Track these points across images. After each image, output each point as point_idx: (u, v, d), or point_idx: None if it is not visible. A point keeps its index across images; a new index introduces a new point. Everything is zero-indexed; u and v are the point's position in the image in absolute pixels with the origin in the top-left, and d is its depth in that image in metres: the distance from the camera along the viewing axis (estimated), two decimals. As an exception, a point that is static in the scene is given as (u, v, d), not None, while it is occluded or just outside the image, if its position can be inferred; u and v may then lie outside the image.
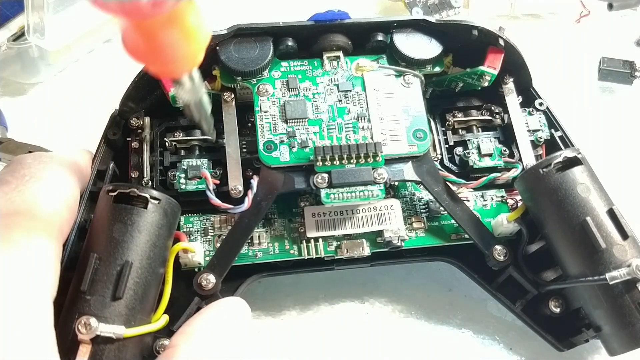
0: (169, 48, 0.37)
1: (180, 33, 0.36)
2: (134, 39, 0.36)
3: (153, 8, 0.32)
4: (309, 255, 0.55)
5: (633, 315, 0.47)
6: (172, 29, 0.36)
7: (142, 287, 0.45)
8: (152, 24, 0.35)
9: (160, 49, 0.37)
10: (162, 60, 0.38)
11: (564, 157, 0.51)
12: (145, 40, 0.36)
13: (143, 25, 0.35)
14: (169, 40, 0.36)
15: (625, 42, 0.77)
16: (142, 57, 0.37)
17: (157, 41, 0.36)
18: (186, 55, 0.38)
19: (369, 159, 0.53)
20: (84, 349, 0.42)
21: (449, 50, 0.60)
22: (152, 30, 0.35)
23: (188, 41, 0.37)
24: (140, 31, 0.36)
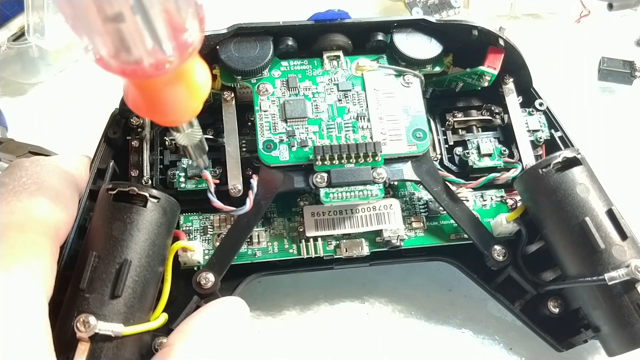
0: (171, 104, 0.37)
1: (183, 91, 0.37)
2: (135, 95, 0.37)
3: (155, 70, 0.32)
4: (308, 254, 0.55)
5: (632, 316, 0.47)
6: (175, 87, 0.36)
7: (141, 285, 0.45)
8: (155, 83, 0.35)
9: (162, 105, 0.37)
10: (163, 115, 0.39)
11: (564, 158, 0.51)
12: (147, 97, 0.37)
13: (145, 84, 0.35)
14: (171, 98, 0.37)
15: (625, 42, 0.77)
16: (143, 112, 0.38)
17: (159, 98, 0.36)
18: (188, 109, 0.38)
19: (369, 158, 0.53)
20: (82, 346, 0.42)
21: (449, 50, 0.60)
22: (154, 89, 0.36)
23: (191, 96, 0.37)
24: (142, 89, 0.36)
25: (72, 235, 0.51)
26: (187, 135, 0.44)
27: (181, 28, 0.32)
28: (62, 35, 0.69)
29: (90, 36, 0.31)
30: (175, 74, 0.34)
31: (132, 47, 0.31)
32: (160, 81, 0.35)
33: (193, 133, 0.44)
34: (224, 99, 0.57)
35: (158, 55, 0.32)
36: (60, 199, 0.45)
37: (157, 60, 0.32)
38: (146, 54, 0.32)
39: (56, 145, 0.65)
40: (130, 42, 0.31)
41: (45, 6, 0.66)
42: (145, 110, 0.38)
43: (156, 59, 0.32)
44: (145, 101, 0.37)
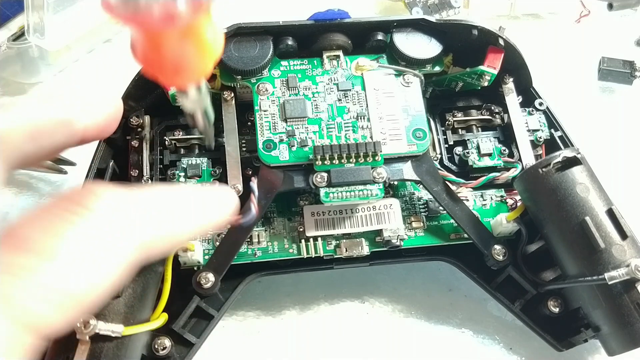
0: (181, 60, 0.36)
1: (193, 47, 0.35)
2: (143, 47, 0.36)
3: (165, 22, 0.31)
4: (308, 254, 0.55)
5: (632, 316, 0.47)
6: (185, 42, 0.35)
7: (141, 285, 0.45)
8: (164, 35, 0.34)
9: (171, 60, 0.36)
10: (171, 71, 0.37)
11: (564, 157, 0.51)
12: (156, 51, 0.35)
13: (154, 36, 0.34)
14: (181, 53, 0.35)
15: (625, 42, 0.77)
16: (151, 66, 0.37)
17: (168, 53, 0.35)
18: (197, 68, 0.37)
19: (369, 158, 0.53)
20: (82, 347, 0.42)
21: (448, 49, 0.60)
22: (163, 42, 0.35)
23: (201, 55, 0.36)
24: (151, 42, 0.35)
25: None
26: (195, 101, 0.42)
27: None
28: (62, 35, 0.69)
29: None
30: (185, 29, 0.33)
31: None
32: (170, 35, 0.34)
33: (201, 98, 0.42)
34: (223, 98, 0.57)
35: (169, 6, 0.31)
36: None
37: (167, 11, 0.31)
38: (156, 3, 0.30)
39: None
40: None
41: (45, 6, 0.66)
42: (152, 65, 0.36)
43: (166, 9, 0.31)
44: (153, 55, 0.36)
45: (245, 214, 0.51)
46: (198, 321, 0.52)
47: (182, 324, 0.51)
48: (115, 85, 0.56)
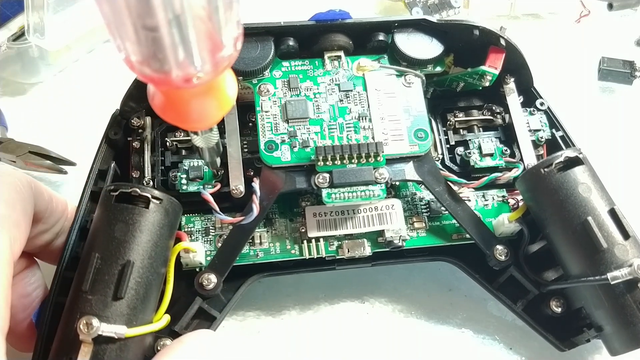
0: (197, 113, 0.37)
1: (212, 102, 0.37)
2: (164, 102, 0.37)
3: (183, 83, 0.32)
4: (310, 255, 0.55)
5: (634, 315, 0.47)
6: (204, 98, 0.36)
7: (143, 287, 0.45)
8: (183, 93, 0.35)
9: (187, 113, 0.37)
10: (188, 122, 0.38)
11: (565, 157, 0.51)
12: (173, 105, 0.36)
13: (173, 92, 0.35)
14: (199, 108, 0.37)
15: (625, 42, 0.77)
16: (169, 117, 0.38)
17: (185, 107, 0.36)
18: (212, 119, 0.38)
19: (370, 158, 0.53)
20: (85, 348, 0.42)
21: (450, 50, 0.60)
22: (182, 98, 0.36)
23: (219, 108, 0.37)
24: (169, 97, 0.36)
25: (73, 236, 0.51)
26: (205, 138, 0.44)
27: (218, 45, 0.32)
28: (62, 35, 0.69)
29: (123, 39, 0.31)
30: (206, 86, 0.34)
31: (163, 57, 0.31)
32: (189, 92, 0.35)
33: (211, 136, 0.45)
34: (225, 99, 0.57)
35: (188, 70, 0.32)
36: (18, 201, 0.45)
37: (185, 74, 0.32)
38: (176, 67, 0.31)
39: (56, 145, 0.65)
40: (162, 52, 0.31)
41: (45, 6, 0.66)
42: (170, 116, 0.37)
43: (185, 72, 0.32)
44: (171, 108, 0.37)
45: (248, 215, 0.51)
46: (200, 322, 0.52)
47: (185, 325, 0.51)
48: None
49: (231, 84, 0.38)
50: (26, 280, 0.49)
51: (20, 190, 0.45)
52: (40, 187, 0.48)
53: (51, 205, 0.49)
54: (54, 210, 0.49)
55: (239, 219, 0.52)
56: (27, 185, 0.46)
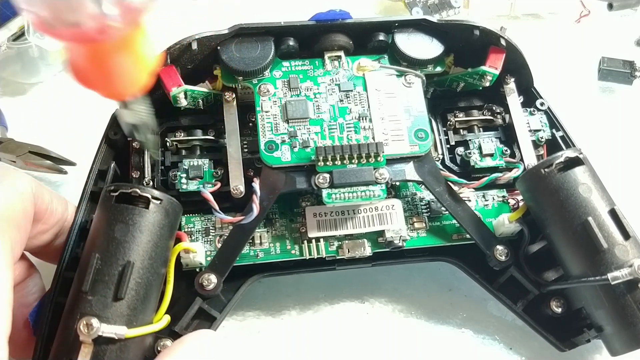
0: (116, 73, 0.37)
1: (128, 59, 0.36)
2: (80, 63, 0.36)
3: (99, 34, 0.32)
4: (310, 255, 0.55)
5: (635, 316, 0.47)
6: (120, 54, 0.35)
7: (143, 287, 0.45)
8: (99, 49, 0.34)
9: (107, 73, 0.36)
10: (108, 85, 0.38)
11: (566, 157, 0.51)
12: (92, 65, 0.36)
13: (90, 49, 0.35)
14: (117, 66, 0.36)
15: (625, 42, 0.77)
16: (88, 82, 0.37)
17: (104, 66, 0.36)
18: (134, 80, 0.38)
19: (371, 159, 0.53)
20: (85, 349, 0.42)
21: (450, 50, 0.60)
22: (99, 55, 0.35)
23: (136, 67, 0.37)
24: (87, 56, 0.35)
25: (73, 237, 0.51)
26: (134, 113, 0.43)
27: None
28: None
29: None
30: (119, 41, 0.34)
31: (74, 7, 0.30)
32: (104, 48, 0.34)
33: (139, 110, 0.44)
34: (225, 99, 0.57)
35: (100, 19, 0.31)
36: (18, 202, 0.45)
37: (99, 24, 0.31)
38: (88, 17, 0.31)
39: (56, 145, 0.65)
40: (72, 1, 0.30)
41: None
42: (89, 79, 0.37)
43: (98, 22, 0.31)
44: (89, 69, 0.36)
45: (248, 215, 0.51)
46: (200, 322, 0.52)
47: (185, 325, 0.51)
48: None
49: (147, 43, 0.37)
50: (27, 290, 0.49)
51: (20, 190, 0.45)
52: (40, 187, 0.48)
53: (51, 205, 0.49)
54: (54, 211, 0.49)
55: (239, 219, 0.52)
56: (27, 186, 0.46)
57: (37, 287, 0.50)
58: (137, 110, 0.44)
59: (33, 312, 0.48)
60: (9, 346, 0.41)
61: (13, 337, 0.43)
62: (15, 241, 0.43)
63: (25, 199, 0.45)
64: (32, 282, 0.50)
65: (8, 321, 0.41)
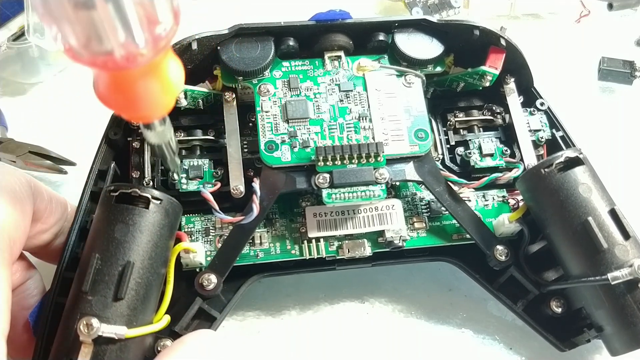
0: (142, 99, 0.36)
1: (155, 85, 0.36)
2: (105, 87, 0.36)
3: (126, 62, 0.32)
4: (310, 255, 0.55)
5: (635, 316, 0.47)
6: (147, 81, 0.35)
7: (143, 287, 0.45)
8: (126, 75, 0.34)
9: (132, 99, 0.36)
10: (134, 110, 0.38)
11: (566, 157, 0.51)
12: (118, 90, 0.36)
13: (117, 76, 0.35)
14: (143, 92, 0.36)
15: (625, 42, 0.77)
16: (113, 105, 0.37)
17: (130, 92, 0.36)
18: (160, 105, 0.38)
19: (371, 159, 0.53)
20: (85, 349, 0.42)
21: (450, 50, 0.60)
22: (125, 82, 0.35)
23: (163, 93, 0.37)
24: (113, 82, 0.35)
25: (73, 237, 0.51)
26: (158, 134, 0.43)
27: (154, 20, 0.32)
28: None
29: (59, 24, 0.31)
30: (147, 67, 0.34)
31: (103, 36, 0.31)
32: (132, 74, 0.34)
33: (164, 131, 0.44)
34: (225, 99, 0.57)
35: (130, 47, 0.32)
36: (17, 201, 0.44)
37: (128, 52, 0.32)
38: (117, 45, 0.31)
39: (56, 145, 0.65)
40: (101, 31, 0.30)
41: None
42: (115, 103, 0.37)
43: (127, 50, 0.32)
44: (116, 94, 0.36)
45: (248, 215, 0.51)
46: (200, 322, 0.52)
47: (185, 325, 0.51)
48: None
49: (174, 68, 0.37)
50: (27, 292, 0.49)
51: (19, 190, 0.45)
52: (39, 187, 0.48)
53: (51, 205, 0.49)
54: (53, 210, 0.49)
55: (239, 219, 0.52)
56: (26, 185, 0.46)
57: (38, 290, 0.50)
58: (160, 131, 0.44)
59: (33, 312, 0.48)
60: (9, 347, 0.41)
61: (13, 338, 0.43)
62: (14, 240, 0.43)
63: (24, 198, 0.45)
64: (32, 283, 0.50)
65: (7, 320, 0.41)
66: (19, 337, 0.48)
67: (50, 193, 0.49)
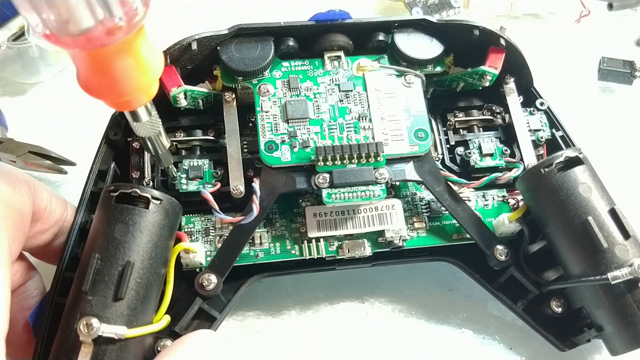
0: (122, 79, 0.37)
1: (131, 63, 0.37)
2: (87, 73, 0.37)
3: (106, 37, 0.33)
4: (310, 255, 0.55)
5: (635, 315, 0.47)
6: (125, 58, 0.36)
7: (143, 287, 0.45)
8: (105, 54, 0.35)
9: (112, 81, 0.37)
10: (116, 92, 0.38)
11: (566, 157, 0.51)
12: (99, 72, 0.36)
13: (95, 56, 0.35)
14: (122, 71, 0.37)
15: (625, 42, 0.77)
16: (96, 91, 0.38)
17: (110, 72, 0.36)
18: (140, 87, 0.38)
19: (370, 159, 0.53)
20: (85, 349, 0.42)
21: (450, 50, 0.60)
22: (104, 62, 0.36)
23: (141, 72, 0.37)
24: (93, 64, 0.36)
25: (73, 237, 0.51)
26: (146, 125, 0.44)
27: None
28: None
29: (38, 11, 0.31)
30: (122, 44, 0.35)
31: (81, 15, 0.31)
32: (109, 53, 0.35)
33: (152, 122, 0.44)
34: (225, 99, 0.57)
35: (107, 23, 0.32)
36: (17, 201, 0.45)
37: (107, 27, 0.32)
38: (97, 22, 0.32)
39: (56, 145, 0.65)
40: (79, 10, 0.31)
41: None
42: (97, 88, 0.38)
43: (106, 25, 0.32)
44: (95, 78, 0.37)
45: (248, 215, 0.51)
46: (201, 323, 0.52)
47: (185, 325, 0.51)
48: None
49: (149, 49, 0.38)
50: (28, 292, 0.49)
51: (19, 189, 0.45)
52: (39, 187, 0.48)
53: (50, 205, 0.49)
54: (53, 211, 0.49)
55: (239, 219, 0.52)
56: (26, 185, 0.46)
57: (38, 290, 0.50)
58: (148, 123, 0.44)
59: (33, 312, 0.48)
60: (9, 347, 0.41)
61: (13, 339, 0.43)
62: (13, 239, 0.43)
63: (24, 198, 0.45)
64: (32, 284, 0.50)
65: (6, 320, 0.41)
66: (18, 337, 0.48)
67: (50, 193, 0.49)
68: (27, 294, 0.49)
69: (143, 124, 0.44)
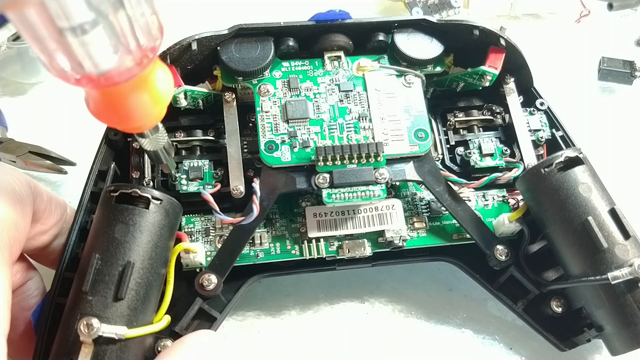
0: (134, 111, 0.37)
1: (145, 97, 0.37)
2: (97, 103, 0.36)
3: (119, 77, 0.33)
4: (310, 255, 0.55)
5: (635, 315, 0.47)
6: (138, 93, 0.36)
7: (144, 287, 0.45)
8: (118, 90, 0.35)
9: (124, 112, 0.37)
10: (126, 122, 0.38)
11: (566, 157, 0.51)
12: (110, 104, 0.36)
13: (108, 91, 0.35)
14: (134, 104, 0.37)
15: (625, 42, 0.77)
16: (106, 119, 0.38)
17: (121, 105, 0.36)
18: (151, 116, 0.39)
19: (371, 159, 0.53)
20: (86, 349, 0.42)
21: (450, 50, 0.60)
22: (117, 96, 0.36)
23: (154, 103, 0.37)
24: (105, 97, 0.36)
25: (73, 237, 0.51)
26: (152, 140, 0.44)
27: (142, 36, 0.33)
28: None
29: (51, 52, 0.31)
30: (136, 81, 0.34)
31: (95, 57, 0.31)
32: (122, 89, 0.35)
33: (158, 138, 0.45)
34: (225, 99, 0.57)
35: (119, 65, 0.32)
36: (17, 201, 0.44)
37: (118, 69, 0.32)
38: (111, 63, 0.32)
39: (56, 145, 0.65)
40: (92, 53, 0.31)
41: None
42: (108, 117, 0.38)
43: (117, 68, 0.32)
44: (108, 110, 0.37)
45: (248, 216, 0.51)
46: (201, 323, 0.52)
47: (185, 325, 0.51)
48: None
49: (163, 77, 0.38)
50: (28, 293, 0.49)
51: (19, 190, 0.45)
52: (39, 188, 0.48)
53: (50, 206, 0.49)
54: (52, 212, 0.49)
55: (239, 219, 0.52)
56: (26, 185, 0.46)
57: (39, 290, 0.50)
58: (154, 137, 0.44)
59: (35, 311, 0.48)
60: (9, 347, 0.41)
61: (13, 339, 0.43)
62: (14, 240, 0.43)
63: (24, 199, 0.45)
64: (33, 284, 0.50)
65: (7, 320, 0.41)
66: (19, 337, 0.48)
67: (49, 194, 0.49)
68: (27, 294, 0.49)
69: (150, 139, 0.44)
